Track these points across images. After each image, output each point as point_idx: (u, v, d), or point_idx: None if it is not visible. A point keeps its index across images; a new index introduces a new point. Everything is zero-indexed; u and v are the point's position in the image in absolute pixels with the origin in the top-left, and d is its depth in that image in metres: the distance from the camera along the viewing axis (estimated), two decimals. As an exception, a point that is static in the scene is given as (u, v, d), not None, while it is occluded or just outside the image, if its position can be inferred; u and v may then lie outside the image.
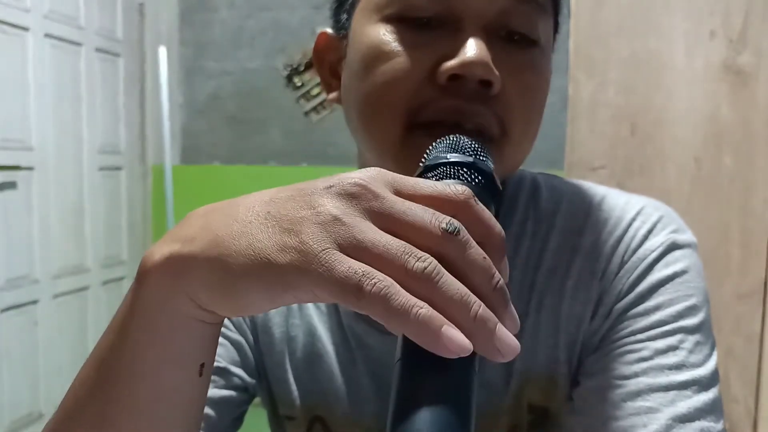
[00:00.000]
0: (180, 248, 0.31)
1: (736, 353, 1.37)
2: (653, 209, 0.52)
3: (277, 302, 0.29)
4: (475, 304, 0.27)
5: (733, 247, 1.36)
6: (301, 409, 0.56)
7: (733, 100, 1.35)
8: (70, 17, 2.31)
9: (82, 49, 2.37)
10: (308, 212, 0.29)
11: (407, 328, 0.26)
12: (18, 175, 2.07)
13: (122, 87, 2.60)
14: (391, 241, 0.28)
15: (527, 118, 0.47)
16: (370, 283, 0.26)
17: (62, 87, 2.26)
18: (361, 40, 0.47)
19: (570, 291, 0.51)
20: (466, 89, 0.43)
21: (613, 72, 1.40)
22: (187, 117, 2.79)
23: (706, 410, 0.44)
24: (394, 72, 0.44)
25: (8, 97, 2.03)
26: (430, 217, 0.29)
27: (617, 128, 1.40)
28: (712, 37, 1.35)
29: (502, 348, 0.27)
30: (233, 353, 0.54)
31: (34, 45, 2.13)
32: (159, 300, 0.32)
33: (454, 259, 0.28)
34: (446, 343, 0.26)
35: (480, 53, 0.42)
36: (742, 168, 1.35)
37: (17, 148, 2.07)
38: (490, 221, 0.30)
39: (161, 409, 0.35)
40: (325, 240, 0.27)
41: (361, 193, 0.29)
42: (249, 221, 0.30)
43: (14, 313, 2.04)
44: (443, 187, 0.30)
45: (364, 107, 0.47)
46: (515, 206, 0.54)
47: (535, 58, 0.47)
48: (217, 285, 0.30)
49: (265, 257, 0.28)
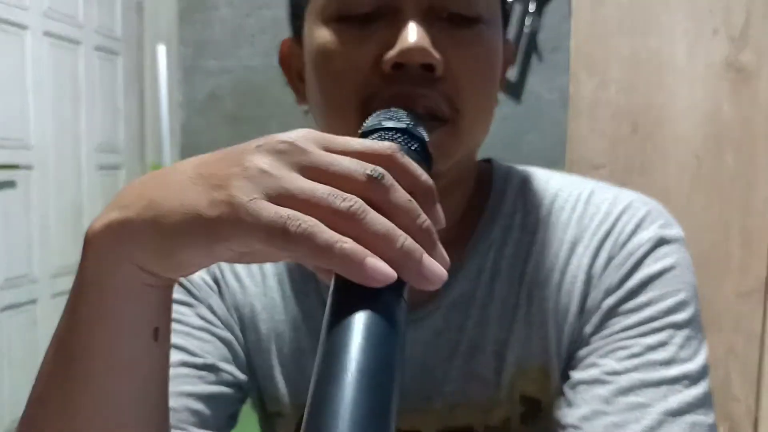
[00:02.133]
0: (117, 215, 0.32)
1: (736, 352, 1.37)
2: (641, 204, 0.53)
3: (212, 256, 0.31)
4: (400, 237, 0.28)
5: (734, 246, 1.36)
6: (290, 406, 0.56)
7: (735, 98, 1.35)
8: (69, 15, 2.30)
9: (80, 47, 2.36)
10: (237, 169, 0.30)
11: (332, 262, 0.27)
12: (17, 174, 2.07)
13: (121, 85, 2.60)
14: (318, 186, 0.29)
15: (478, 94, 0.48)
16: (295, 224, 0.27)
17: (61, 85, 2.26)
18: (311, 43, 0.49)
19: (558, 284, 0.51)
20: (410, 75, 0.44)
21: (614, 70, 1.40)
22: (187, 115, 2.78)
23: (696, 404, 0.45)
24: (341, 69, 0.46)
25: (7, 95, 2.02)
26: (355, 165, 0.30)
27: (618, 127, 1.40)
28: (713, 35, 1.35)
29: (429, 276, 0.29)
30: (223, 350, 0.54)
31: (33, 43, 2.12)
32: (102, 267, 0.33)
33: (380, 202, 0.30)
34: (370, 273, 0.27)
35: (418, 39, 0.43)
36: (743, 166, 1.35)
37: (16, 147, 2.07)
38: (417, 171, 0.32)
39: (120, 382, 0.35)
40: (253, 191, 0.29)
41: (289, 149, 0.30)
42: (180, 182, 0.31)
43: (13, 312, 2.04)
44: (371, 143, 0.32)
45: (321, 107, 0.49)
46: (503, 199, 0.55)
47: (479, 34, 0.47)
48: (154, 245, 0.31)
49: (197, 213, 0.29)
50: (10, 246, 2.03)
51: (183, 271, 0.33)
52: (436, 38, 0.44)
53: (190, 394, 0.50)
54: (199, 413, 0.50)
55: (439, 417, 0.54)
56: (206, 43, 2.71)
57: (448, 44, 0.45)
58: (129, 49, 2.63)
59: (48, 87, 2.19)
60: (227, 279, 0.56)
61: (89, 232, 0.34)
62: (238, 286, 0.56)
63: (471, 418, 0.53)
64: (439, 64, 0.44)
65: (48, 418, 0.37)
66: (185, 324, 0.53)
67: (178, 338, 0.51)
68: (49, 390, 0.36)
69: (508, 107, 2.43)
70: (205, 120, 2.78)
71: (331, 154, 0.31)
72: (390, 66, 0.44)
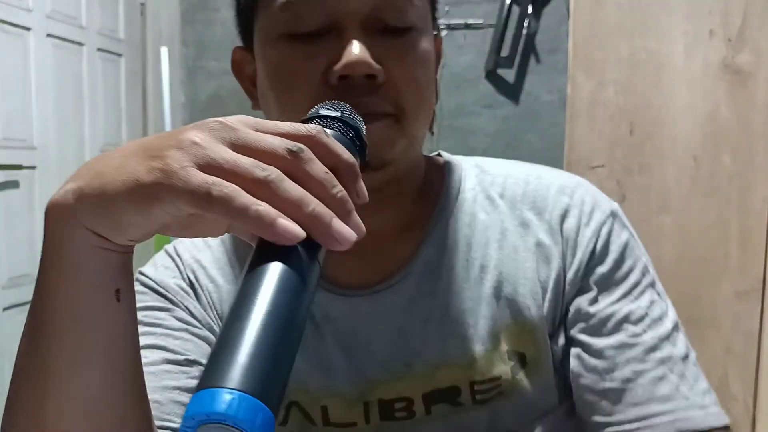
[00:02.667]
0: (71, 185, 0.36)
1: (735, 351, 1.37)
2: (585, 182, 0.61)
3: (150, 218, 0.34)
4: (311, 203, 0.32)
5: (731, 246, 1.37)
6: None
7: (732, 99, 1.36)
8: (72, 17, 2.32)
9: (84, 49, 2.37)
10: (172, 141, 0.34)
11: (247, 222, 0.31)
12: (20, 175, 2.08)
13: (124, 87, 2.61)
14: (242, 158, 0.33)
15: (418, 94, 0.53)
16: (217, 189, 0.31)
17: (64, 86, 2.27)
18: (263, 59, 0.54)
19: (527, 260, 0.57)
20: (355, 85, 0.49)
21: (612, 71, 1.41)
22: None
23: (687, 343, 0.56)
24: (293, 83, 0.51)
25: (10, 96, 2.03)
26: (278, 142, 0.34)
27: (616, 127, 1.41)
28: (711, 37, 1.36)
29: (337, 237, 0.32)
30: (204, 348, 0.55)
31: (36, 45, 2.14)
32: (61, 233, 0.37)
33: (297, 173, 0.33)
34: (280, 230, 0.30)
35: (360, 53, 0.49)
36: (740, 167, 1.36)
37: (19, 147, 2.08)
38: (339, 150, 0.35)
39: (86, 337, 0.38)
40: (184, 160, 0.32)
41: (220, 127, 0.34)
42: (124, 156, 0.35)
43: (16, 311, 2.05)
44: (298, 125, 0.36)
45: (276, 117, 0.53)
46: (459, 178, 0.61)
47: (413, 40, 0.52)
48: (101, 210, 0.35)
49: (135, 178, 0.33)
50: (13, 245, 2.05)
51: (127, 233, 0.36)
52: (376, 49, 0.50)
53: (175, 388, 0.52)
54: (184, 405, 0.51)
55: (422, 380, 0.56)
56: (208, 44, 2.72)
57: (386, 54, 0.50)
58: (131, 51, 2.65)
59: (51, 88, 2.21)
60: (201, 282, 0.58)
61: (49, 204, 0.37)
62: (213, 287, 0.58)
63: (454, 377, 0.56)
64: (379, 73, 0.49)
65: (25, 385, 0.39)
66: (164, 327, 0.55)
67: (158, 339, 0.53)
68: (26, 359, 0.39)
69: (507, 108, 2.44)
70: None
71: (259, 133, 0.34)
72: (336, 78, 0.49)
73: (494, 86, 2.44)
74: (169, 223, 0.35)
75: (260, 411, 0.25)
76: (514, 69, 2.39)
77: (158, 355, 0.52)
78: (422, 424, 0.56)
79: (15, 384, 0.40)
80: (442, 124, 2.45)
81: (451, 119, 2.45)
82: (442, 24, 2.41)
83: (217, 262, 0.59)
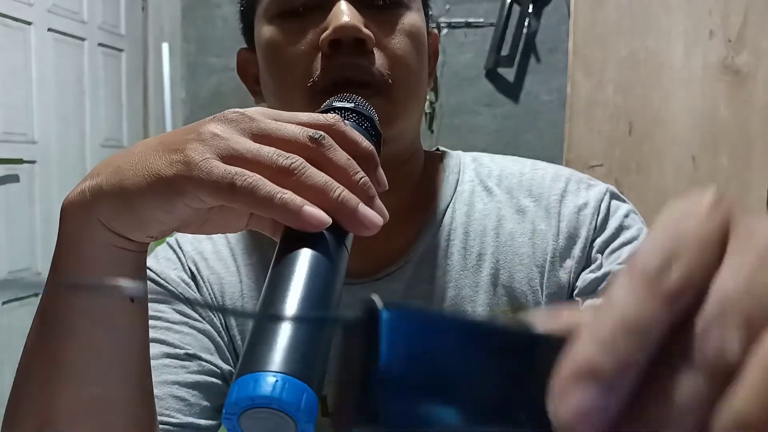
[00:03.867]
0: (89, 183, 0.36)
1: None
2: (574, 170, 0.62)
3: (172, 212, 0.34)
4: (337, 188, 0.32)
5: (728, 246, 1.37)
6: None
7: (731, 99, 1.36)
8: (73, 12, 2.32)
9: (85, 44, 2.38)
10: (193, 135, 0.33)
11: (274, 212, 0.30)
12: (20, 169, 2.08)
13: (125, 82, 2.61)
14: (263, 147, 0.32)
15: (407, 65, 0.53)
16: (241, 179, 0.31)
17: (65, 81, 2.28)
18: (260, 43, 0.55)
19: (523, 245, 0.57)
20: (345, 49, 0.50)
21: (612, 71, 1.41)
22: (190, 112, 2.80)
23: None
24: (287, 58, 0.52)
25: (11, 90, 2.04)
26: (299, 130, 0.33)
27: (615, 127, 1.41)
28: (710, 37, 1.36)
29: (364, 221, 0.32)
30: (204, 341, 0.55)
31: (37, 39, 2.14)
32: (78, 231, 0.36)
33: (320, 160, 0.33)
34: (307, 217, 0.30)
35: (349, 17, 0.49)
36: (738, 167, 1.36)
37: (20, 142, 2.09)
38: (358, 137, 0.36)
39: (102, 337, 0.38)
40: (206, 152, 0.32)
41: (240, 118, 0.34)
42: (143, 152, 0.35)
43: (16, 305, 2.05)
44: (316, 114, 0.36)
45: (275, 95, 0.54)
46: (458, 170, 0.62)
47: (401, 15, 0.53)
48: (121, 206, 0.34)
49: (156, 173, 0.33)
50: (13, 240, 2.05)
51: (147, 229, 0.35)
52: (367, 20, 0.50)
53: (174, 383, 0.52)
54: (184, 400, 0.52)
55: None
56: (209, 40, 2.73)
57: (375, 24, 0.51)
58: (133, 46, 2.65)
59: (52, 83, 2.21)
60: (203, 273, 0.59)
61: (65, 201, 0.37)
62: (214, 278, 0.58)
63: (454, 302, 0.57)
64: (369, 38, 0.50)
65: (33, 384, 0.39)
66: (164, 320, 0.55)
67: (158, 333, 0.53)
68: (36, 356, 0.39)
69: (506, 107, 2.44)
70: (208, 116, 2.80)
71: (279, 122, 0.34)
72: (327, 44, 0.49)
73: (494, 85, 2.44)
74: (191, 217, 0.35)
75: (304, 392, 0.25)
76: (514, 68, 2.39)
77: (158, 349, 0.52)
78: None
79: (21, 383, 0.39)
80: (442, 122, 2.45)
81: (451, 117, 2.45)
82: (443, 22, 2.42)
83: (219, 254, 0.60)
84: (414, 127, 0.58)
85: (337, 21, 0.49)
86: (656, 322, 0.16)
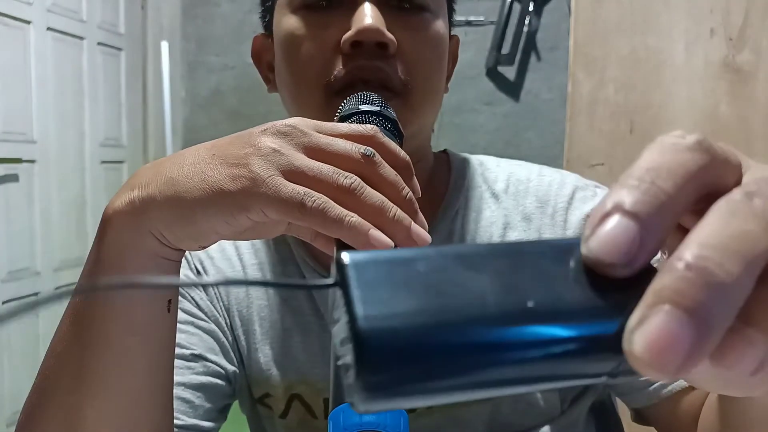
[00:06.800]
0: (138, 193, 0.36)
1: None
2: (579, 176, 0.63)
3: (233, 225, 0.34)
4: (392, 208, 0.33)
5: (730, 245, 1.37)
6: (279, 384, 0.58)
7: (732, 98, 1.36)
8: (73, 11, 2.31)
9: (84, 42, 2.37)
10: (250, 149, 0.34)
11: (342, 233, 0.32)
12: (20, 168, 2.08)
13: (124, 81, 2.61)
14: (323, 165, 0.34)
15: (426, 73, 0.53)
16: (311, 200, 0.32)
17: (64, 80, 2.27)
18: (279, 32, 0.54)
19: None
20: (366, 52, 0.50)
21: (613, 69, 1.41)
22: (189, 111, 2.79)
23: None
24: (306, 53, 0.52)
25: (10, 90, 2.03)
26: (350, 146, 0.35)
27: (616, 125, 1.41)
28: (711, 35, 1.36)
29: (416, 239, 0.34)
30: (209, 342, 0.56)
31: (37, 38, 2.13)
32: (125, 241, 0.36)
33: (372, 177, 0.34)
34: (373, 243, 0.32)
35: (373, 20, 0.49)
36: (740, 166, 1.36)
37: (19, 141, 2.08)
38: (396, 148, 0.37)
39: (137, 346, 0.38)
40: (270, 168, 0.33)
41: (292, 131, 0.35)
42: (197, 163, 0.35)
43: (15, 305, 2.05)
44: (355, 126, 0.37)
45: (290, 88, 0.54)
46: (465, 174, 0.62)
47: (426, 20, 0.53)
48: (177, 219, 0.35)
49: (219, 187, 0.33)
50: (13, 239, 2.05)
51: (203, 240, 0.36)
52: (388, 23, 0.50)
53: (180, 384, 0.52)
54: (189, 402, 0.52)
55: None
56: (209, 39, 2.72)
57: (399, 28, 0.51)
58: (132, 45, 2.64)
59: (51, 82, 2.21)
60: (209, 272, 0.59)
61: (109, 210, 0.37)
62: (221, 277, 0.59)
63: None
64: (391, 43, 0.50)
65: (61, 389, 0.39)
66: None
67: None
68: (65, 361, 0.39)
69: (507, 105, 2.44)
70: (208, 116, 2.80)
71: (327, 136, 0.35)
72: (349, 45, 0.50)
73: (495, 83, 2.44)
74: (245, 226, 0.36)
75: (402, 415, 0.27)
76: (515, 66, 2.39)
77: None
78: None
79: (46, 387, 0.39)
80: (443, 120, 2.45)
81: (452, 116, 2.45)
82: (443, 21, 2.42)
83: (224, 253, 0.60)
84: (427, 130, 0.58)
85: (361, 23, 0.49)
86: (678, 165, 0.18)
